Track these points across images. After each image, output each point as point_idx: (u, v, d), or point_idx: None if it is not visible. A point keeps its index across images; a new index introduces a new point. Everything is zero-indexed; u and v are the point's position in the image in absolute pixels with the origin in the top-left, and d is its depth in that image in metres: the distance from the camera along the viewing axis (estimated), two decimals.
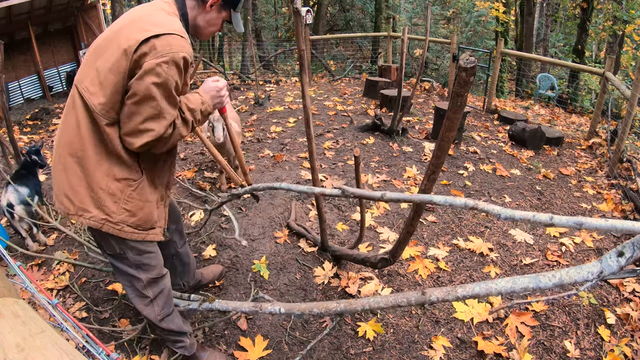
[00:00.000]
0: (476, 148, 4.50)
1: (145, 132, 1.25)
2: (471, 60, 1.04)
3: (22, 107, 7.58)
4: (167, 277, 1.64)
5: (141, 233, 1.45)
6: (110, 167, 1.34)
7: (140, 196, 1.41)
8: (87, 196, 1.34)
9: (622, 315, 2.24)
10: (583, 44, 10.22)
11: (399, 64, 5.03)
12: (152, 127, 1.25)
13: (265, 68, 11.59)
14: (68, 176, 1.33)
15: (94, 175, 1.33)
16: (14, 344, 0.77)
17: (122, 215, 1.38)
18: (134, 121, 1.24)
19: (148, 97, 1.21)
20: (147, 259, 1.52)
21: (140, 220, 1.43)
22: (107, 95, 1.25)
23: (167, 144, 1.34)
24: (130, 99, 1.23)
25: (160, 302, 1.61)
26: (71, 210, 1.35)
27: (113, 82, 1.23)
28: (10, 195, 2.57)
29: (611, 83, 4.65)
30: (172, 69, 1.21)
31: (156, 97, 1.21)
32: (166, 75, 1.20)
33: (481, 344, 1.99)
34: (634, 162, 4.02)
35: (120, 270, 1.53)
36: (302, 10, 1.66)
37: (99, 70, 1.25)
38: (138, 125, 1.24)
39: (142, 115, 1.23)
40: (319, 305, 1.40)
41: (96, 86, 1.25)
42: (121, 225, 1.39)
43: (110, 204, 1.36)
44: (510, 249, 2.77)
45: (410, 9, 11.65)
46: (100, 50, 1.27)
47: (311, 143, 1.94)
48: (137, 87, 1.20)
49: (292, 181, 3.57)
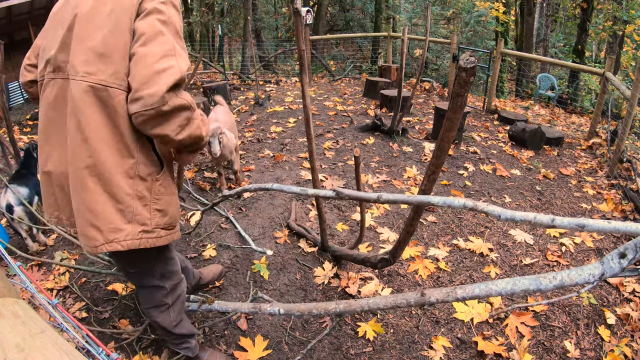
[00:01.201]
0: (476, 148, 4.50)
1: (163, 71, 1.05)
2: (471, 60, 1.04)
3: (22, 107, 7.57)
4: (184, 282, 1.61)
5: (171, 233, 1.32)
6: (135, 164, 1.17)
7: (167, 189, 1.28)
8: (114, 212, 1.16)
9: (622, 315, 2.24)
10: (583, 44, 10.22)
11: (399, 64, 5.03)
12: (171, 63, 1.07)
13: (265, 68, 11.59)
14: (85, 198, 1.14)
15: (115, 180, 1.14)
16: (14, 344, 0.77)
17: (155, 218, 1.24)
18: (145, 63, 1.05)
19: (157, 32, 1.08)
20: (171, 265, 1.48)
21: (171, 218, 1.31)
22: (116, 61, 1.09)
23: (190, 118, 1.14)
24: (137, 42, 1.08)
25: (177, 308, 1.58)
26: (99, 239, 1.16)
27: (123, 44, 1.09)
28: (10, 197, 2.57)
29: (611, 83, 4.65)
30: (172, 9, 1.14)
31: (165, 32, 1.09)
32: (169, 14, 1.12)
33: (481, 344, 1.99)
34: (634, 162, 4.02)
35: (144, 283, 1.47)
36: (302, 10, 1.66)
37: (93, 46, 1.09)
38: (153, 65, 1.05)
39: (154, 54, 1.06)
40: (318, 306, 1.40)
41: (96, 62, 1.09)
42: (157, 232, 1.25)
43: (141, 210, 1.20)
44: (510, 249, 2.77)
45: (410, 9, 11.65)
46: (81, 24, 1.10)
47: (311, 143, 1.94)
48: (142, 26, 1.08)
49: (292, 181, 3.57)
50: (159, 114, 1.07)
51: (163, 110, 1.06)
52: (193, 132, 1.17)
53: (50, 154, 1.20)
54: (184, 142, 1.17)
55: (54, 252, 2.68)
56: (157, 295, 1.49)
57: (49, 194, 1.25)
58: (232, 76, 9.30)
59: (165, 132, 1.11)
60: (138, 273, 1.44)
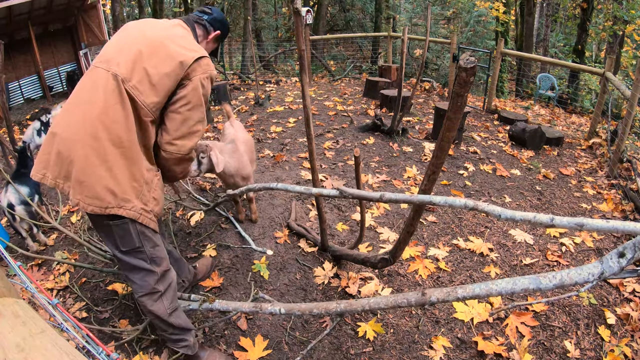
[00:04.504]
0: (476, 148, 4.50)
1: (194, 133, 1.52)
2: (471, 60, 1.04)
3: (22, 107, 7.58)
4: (173, 271, 1.70)
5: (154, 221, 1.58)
6: (148, 159, 1.52)
7: (161, 184, 1.59)
8: (130, 187, 1.43)
9: (622, 315, 2.24)
10: (583, 44, 10.22)
11: (399, 64, 5.03)
12: (199, 128, 1.53)
13: (265, 68, 11.59)
14: (111, 168, 1.38)
15: (139, 166, 1.45)
16: (14, 344, 0.77)
17: (152, 203, 1.52)
18: (188, 125, 1.49)
19: (199, 104, 1.49)
20: (158, 251, 1.60)
21: (160, 208, 1.59)
22: (161, 96, 1.44)
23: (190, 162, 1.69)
24: (184, 106, 1.46)
25: (169, 296, 1.64)
26: (112, 203, 1.40)
27: (168, 86, 1.44)
28: (11, 196, 2.57)
29: (611, 83, 4.65)
30: (209, 83, 1.52)
31: (202, 103, 1.50)
32: (207, 87, 1.51)
33: (481, 344, 1.99)
34: (634, 162, 4.01)
35: (135, 266, 1.55)
36: (302, 10, 1.66)
37: (149, 73, 1.41)
38: (191, 128, 1.50)
39: (193, 119, 1.50)
40: (319, 306, 1.40)
41: (146, 86, 1.41)
42: (151, 215, 1.52)
43: (147, 193, 1.50)
44: (511, 249, 2.77)
45: (410, 9, 11.64)
46: (148, 54, 1.43)
47: (311, 143, 1.94)
48: (191, 96, 1.46)
49: (292, 181, 3.57)
50: (182, 159, 1.58)
51: (185, 157, 1.58)
52: (186, 170, 1.71)
53: (67, 121, 1.41)
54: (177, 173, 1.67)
55: (54, 252, 2.68)
56: (148, 280, 1.57)
57: (44, 152, 1.43)
58: (232, 76, 9.30)
59: (176, 170, 1.63)
60: (129, 253, 1.53)
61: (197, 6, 12.75)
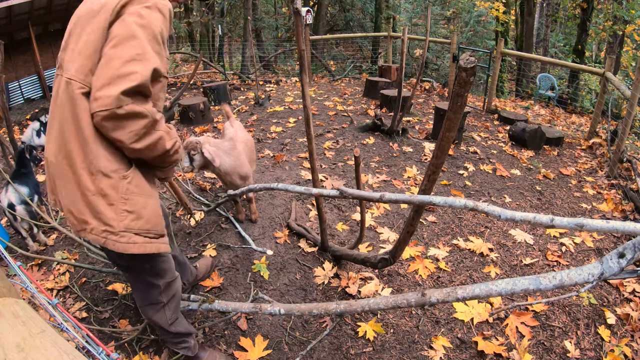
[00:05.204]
0: (476, 148, 4.50)
1: (125, 76, 1.03)
2: (471, 60, 1.04)
3: (22, 107, 7.57)
4: (179, 280, 1.61)
5: (154, 242, 1.26)
6: (94, 160, 1.14)
7: (139, 189, 1.22)
8: (82, 203, 1.17)
9: (622, 315, 2.24)
10: (583, 44, 10.21)
11: (399, 64, 5.03)
12: (135, 69, 1.04)
13: (265, 68, 11.59)
14: (65, 184, 1.19)
15: (81, 175, 1.15)
16: (14, 344, 0.77)
17: (125, 220, 1.18)
18: (112, 66, 1.04)
19: (130, 36, 1.06)
20: (163, 263, 1.46)
21: (150, 222, 1.24)
22: (85, 56, 1.11)
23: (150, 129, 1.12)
24: (109, 44, 1.08)
25: (172, 307, 1.58)
26: (76, 225, 1.20)
27: (93, 41, 1.11)
28: (11, 196, 2.57)
29: (611, 83, 4.65)
30: (155, 13, 1.12)
31: (138, 36, 1.07)
32: (149, 18, 1.10)
33: (481, 344, 1.99)
34: (634, 162, 4.02)
35: (136, 280, 1.47)
36: (302, 10, 1.66)
37: (78, 47, 1.13)
38: (119, 70, 1.03)
39: (120, 57, 1.05)
40: (319, 306, 1.40)
41: (75, 58, 1.13)
42: (127, 236, 1.19)
43: (105, 209, 1.16)
44: (511, 249, 2.77)
45: (410, 9, 11.64)
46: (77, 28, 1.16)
47: (311, 143, 1.94)
48: (117, 28, 1.08)
49: (292, 181, 3.57)
50: (113, 117, 1.06)
51: (117, 114, 1.05)
52: (154, 144, 1.17)
53: (49, 143, 1.25)
54: (143, 153, 1.17)
55: (54, 252, 2.68)
56: (151, 292, 1.49)
57: (48, 178, 1.32)
58: (232, 76, 9.30)
59: (121, 138, 1.10)
60: (128, 267, 1.43)
61: (197, 6, 12.76)
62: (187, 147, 2.29)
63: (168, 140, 1.22)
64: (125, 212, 1.18)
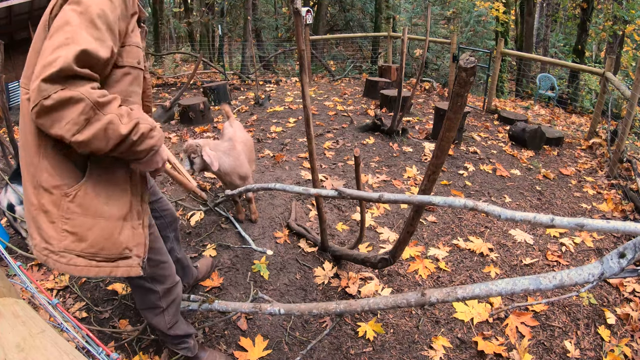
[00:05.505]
0: (476, 148, 4.50)
1: (49, 64, 0.91)
2: (471, 60, 1.04)
3: None
4: (179, 286, 1.59)
5: (103, 266, 1.12)
6: (36, 173, 1.05)
7: (83, 209, 1.07)
8: (28, 217, 1.09)
9: (622, 315, 2.24)
10: (583, 44, 10.22)
11: (399, 64, 5.03)
12: (59, 53, 0.92)
13: (265, 68, 11.59)
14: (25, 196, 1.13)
15: (26, 188, 1.08)
16: (14, 344, 0.77)
17: (65, 240, 1.07)
18: (42, 58, 0.93)
19: (63, 23, 0.95)
20: (162, 269, 1.45)
21: (95, 246, 1.10)
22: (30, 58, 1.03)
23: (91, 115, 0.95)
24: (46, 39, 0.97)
25: (172, 311, 1.57)
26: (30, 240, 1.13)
27: (35, 42, 1.03)
28: (11, 196, 2.57)
29: (611, 83, 4.65)
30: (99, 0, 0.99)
31: (72, 22, 0.95)
32: (87, 4, 0.97)
33: (481, 344, 1.99)
34: (634, 162, 4.02)
35: (135, 284, 1.47)
36: (302, 10, 1.66)
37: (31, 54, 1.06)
38: (45, 59, 0.92)
39: (51, 47, 0.93)
40: (319, 306, 1.40)
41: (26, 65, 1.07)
42: (68, 257, 1.07)
43: (47, 226, 1.06)
44: (510, 249, 2.77)
45: (410, 9, 11.65)
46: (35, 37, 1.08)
47: (311, 143, 1.94)
48: (55, 21, 0.98)
49: (292, 181, 3.57)
50: (43, 110, 0.92)
51: (46, 105, 0.91)
52: (101, 131, 0.97)
53: None
54: (94, 145, 0.98)
55: None
56: (150, 297, 1.49)
57: None
58: (232, 76, 9.30)
59: (60, 133, 0.94)
60: None
61: (197, 6, 12.76)
62: (187, 150, 2.30)
63: (123, 125, 1.00)
64: (66, 232, 1.07)
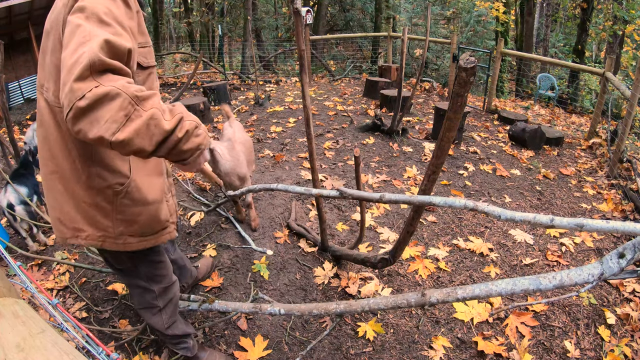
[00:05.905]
0: (476, 148, 4.50)
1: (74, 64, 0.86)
2: (471, 60, 1.04)
3: (22, 107, 7.57)
4: (176, 285, 1.60)
5: (150, 239, 1.32)
6: (89, 178, 1.16)
7: (133, 202, 1.23)
8: (77, 214, 1.21)
9: (622, 315, 2.24)
10: (583, 44, 10.22)
11: (399, 64, 5.03)
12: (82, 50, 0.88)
13: (265, 68, 11.59)
14: (55, 196, 1.21)
15: (75, 189, 1.18)
16: (14, 344, 0.77)
17: (120, 227, 1.24)
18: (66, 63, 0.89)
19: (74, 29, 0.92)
20: (158, 269, 1.47)
21: (144, 226, 1.28)
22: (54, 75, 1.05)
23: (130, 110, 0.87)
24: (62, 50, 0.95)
25: (169, 311, 1.58)
26: (67, 234, 1.23)
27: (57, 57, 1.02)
28: (11, 196, 2.57)
29: (611, 83, 4.65)
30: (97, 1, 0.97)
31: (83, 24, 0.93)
32: (91, 7, 0.95)
33: (481, 344, 1.99)
34: (634, 162, 4.02)
35: (131, 283, 1.49)
36: (302, 10, 1.66)
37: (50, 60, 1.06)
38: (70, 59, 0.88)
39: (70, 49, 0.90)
40: (319, 307, 1.40)
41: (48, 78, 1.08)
42: (124, 238, 1.26)
43: (102, 219, 1.21)
44: (510, 249, 2.77)
45: (410, 9, 11.65)
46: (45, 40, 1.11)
47: (311, 143, 1.94)
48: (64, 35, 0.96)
49: (292, 181, 3.57)
50: (79, 112, 0.85)
51: (81, 107, 0.84)
52: (144, 127, 0.89)
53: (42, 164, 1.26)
54: (137, 144, 0.89)
55: (54, 252, 2.68)
56: (146, 297, 1.50)
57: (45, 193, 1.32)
58: (232, 76, 9.30)
59: (100, 134, 0.86)
60: (124, 272, 1.45)
61: (197, 6, 12.76)
62: None
63: (166, 120, 0.93)
64: (120, 220, 1.24)
